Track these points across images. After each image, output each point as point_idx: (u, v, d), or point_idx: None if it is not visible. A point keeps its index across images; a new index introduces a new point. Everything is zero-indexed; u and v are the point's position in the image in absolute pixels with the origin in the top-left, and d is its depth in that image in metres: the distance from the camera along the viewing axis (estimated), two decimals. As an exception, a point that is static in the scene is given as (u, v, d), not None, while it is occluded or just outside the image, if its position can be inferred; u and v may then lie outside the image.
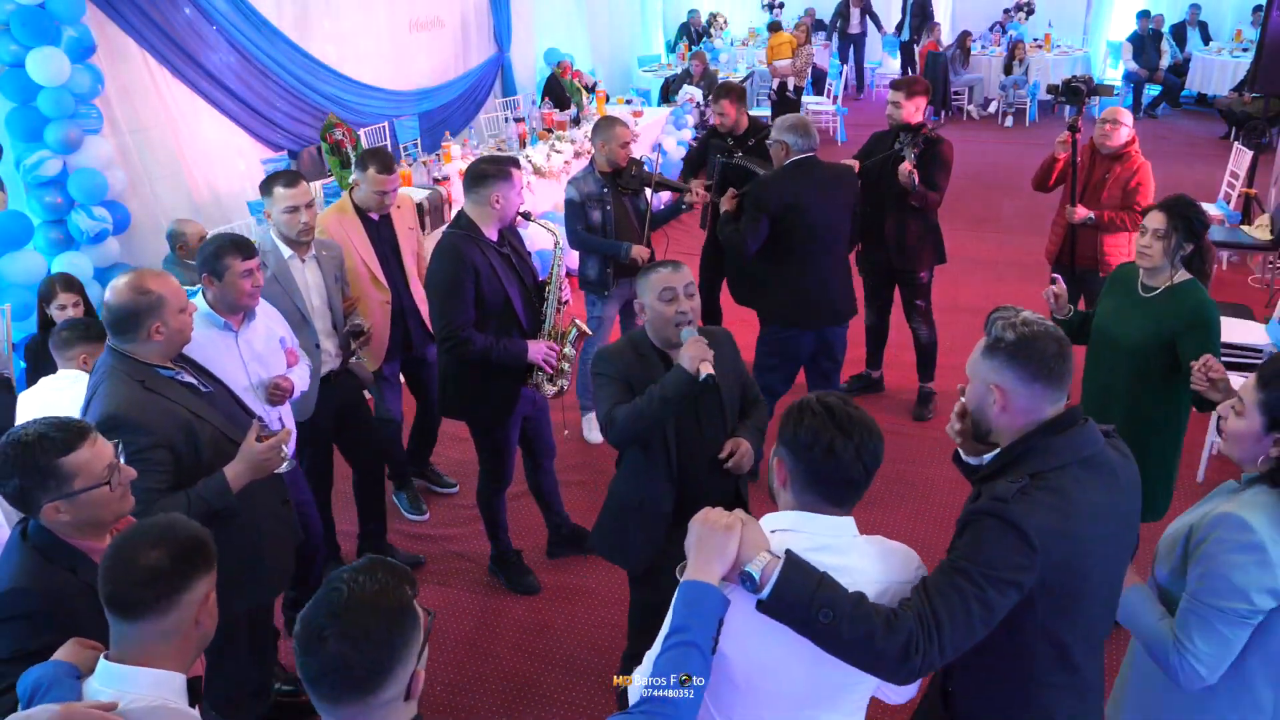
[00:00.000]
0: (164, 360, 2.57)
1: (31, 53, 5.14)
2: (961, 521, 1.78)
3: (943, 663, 1.65)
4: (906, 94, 4.78)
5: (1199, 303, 3.02)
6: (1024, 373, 1.77)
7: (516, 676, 3.56)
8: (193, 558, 1.67)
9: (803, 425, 1.72)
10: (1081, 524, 1.72)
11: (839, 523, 1.74)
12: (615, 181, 4.59)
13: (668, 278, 2.72)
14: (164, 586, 1.62)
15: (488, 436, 3.79)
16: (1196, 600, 1.89)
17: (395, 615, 1.38)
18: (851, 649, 1.60)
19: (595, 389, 2.83)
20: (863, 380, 5.53)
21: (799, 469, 1.73)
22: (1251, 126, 9.81)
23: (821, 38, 14.09)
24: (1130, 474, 1.86)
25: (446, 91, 9.57)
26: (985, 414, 1.86)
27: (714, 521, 1.66)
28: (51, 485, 1.90)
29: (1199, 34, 13.04)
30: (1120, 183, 4.60)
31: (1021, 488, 1.71)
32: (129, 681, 1.61)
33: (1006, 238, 8.09)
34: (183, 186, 6.60)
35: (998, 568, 1.66)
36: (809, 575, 1.61)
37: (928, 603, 1.65)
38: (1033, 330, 1.79)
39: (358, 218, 3.98)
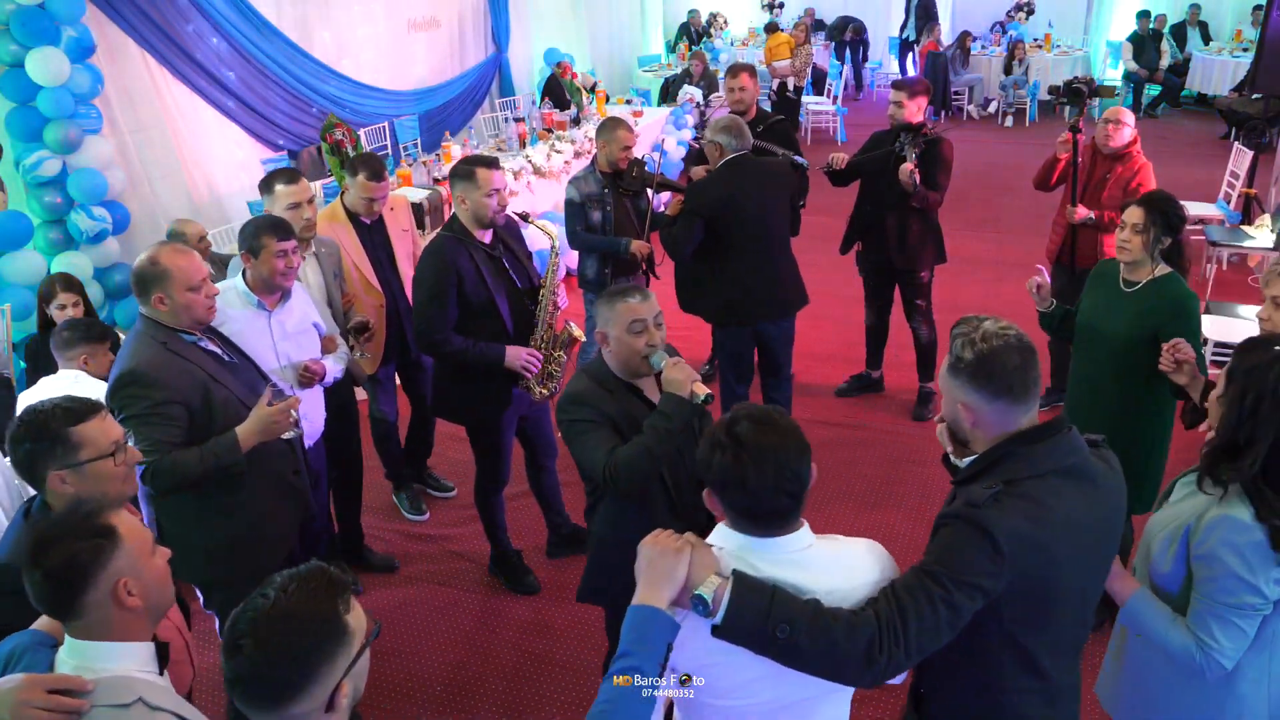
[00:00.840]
0: (183, 327, 2.69)
1: (31, 53, 5.14)
2: (935, 524, 1.77)
3: (910, 665, 1.64)
4: (909, 94, 4.79)
5: (1180, 295, 3.09)
6: (985, 392, 1.75)
7: (516, 676, 3.56)
8: (93, 550, 1.63)
9: (713, 465, 1.67)
10: (1055, 534, 1.70)
11: (788, 540, 1.70)
12: (616, 181, 4.59)
13: (636, 309, 2.49)
14: (76, 581, 1.61)
15: (483, 437, 3.79)
16: (1213, 601, 1.95)
17: (317, 631, 1.36)
18: (814, 661, 1.58)
19: (573, 437, 2.53)
20: (863, 380, 5.53)
21: (724, 504, 1.70)
22: (1251, 126, 9.81)
23: (821, 38, 14.09)
24: (1113, 486, 1.84)
25: (444, 91, 9.58)
26: (959, 427, 1.86)
27: (663, 545, 1.63)
28: (59, 452, 2.01)
29: (1199, 34, 13.04)
30: (1121, 183, 4.60)
31: (995, 494, 1.69)
32: (92, 655, 1.64)
33: (1006, 238, 8.09)
34: (182, 186, 6.61)
35: (965, 572, 1.64)
36: (761, 593, 1.58)
37: (894, 604, 1.63)
38: (991, 346, 1.74)
39: (349, 222, 3.97)
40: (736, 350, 4.49)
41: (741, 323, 4.38)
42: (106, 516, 1.67)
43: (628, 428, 2.51)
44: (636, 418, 2.52)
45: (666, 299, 4.14)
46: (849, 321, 5.66)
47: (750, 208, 4.19)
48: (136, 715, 1.60)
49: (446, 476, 4.79)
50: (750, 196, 4.19)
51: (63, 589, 1.62)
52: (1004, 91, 12.68)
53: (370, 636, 1.45)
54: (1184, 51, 12.89)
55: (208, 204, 6.68)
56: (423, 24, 9.25)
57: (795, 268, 4.47)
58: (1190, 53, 12.84)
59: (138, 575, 1.67)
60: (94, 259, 5.50)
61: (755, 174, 4.26)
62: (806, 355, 5.93)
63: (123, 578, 1.65)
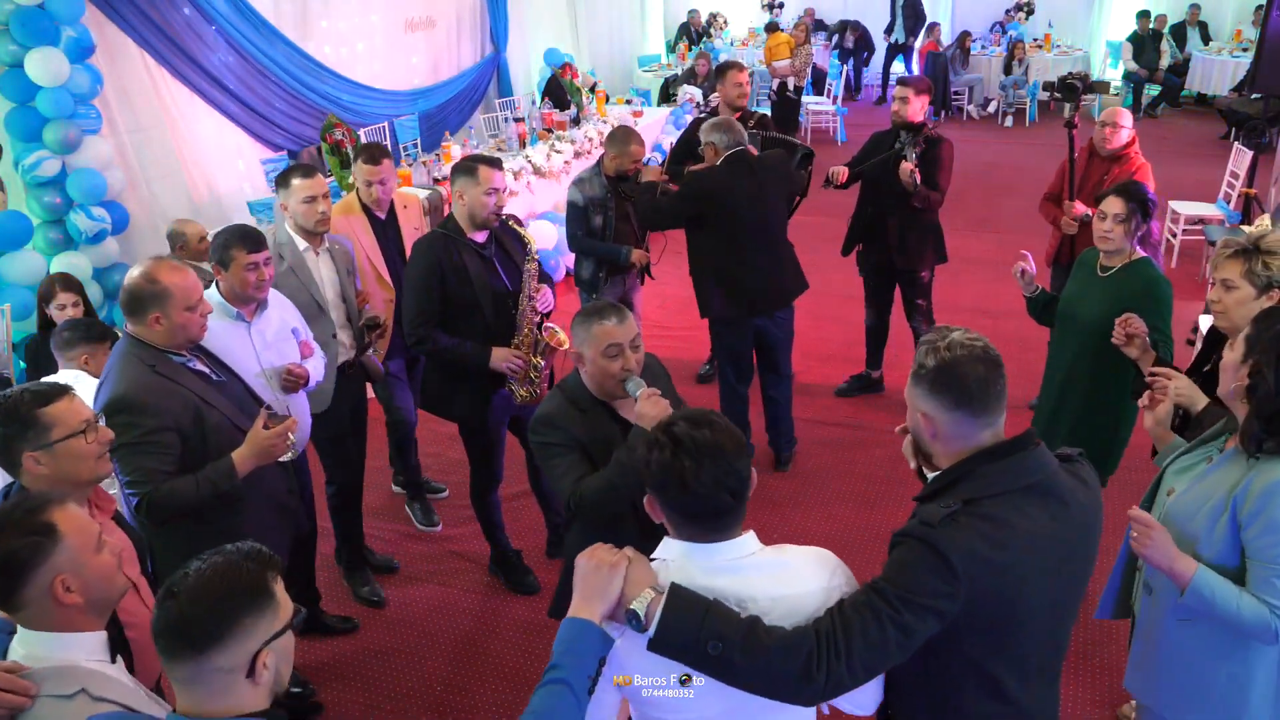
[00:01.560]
0: (174, 347, 2.63)
1: (30, 53, 5.14)
2: (891, 542, 1.71)
3: (855, 683, 1.60)
4: (915, 90, 4.81)
5: (1152, 278, 3.23)
6: (944, 400, 1.70)
7: (516, 676, 3.56)
8: (6, 565, 1.65)
9: (651, 463, 1.64)
10: (1016, 554, 1.64)
11: (733, 544, 1.67)
12: (617, 186, 4.60)
13: (612, 331, 2.43)
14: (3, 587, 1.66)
15: (473, 436, 3.79)
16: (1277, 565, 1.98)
17: (243, 590, 1.44)
18: (748, 677, 1.55)
19: (545, 459, 2.52)
20: (863, 380, 5.53)
21: (665, 506, 1.67)
22: (1251, 126, 9.81)
23: (822, 38, 14.09)
24: (1086, 503, 1.76)
25: (442, 92, 9.57)
26: (922, 439, 1.81)
27: (599, 559, 1.62)
28: (30, 435, 2.04)
29: (1199, 34, 13.03)
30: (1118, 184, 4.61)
31: (951, 513, 1.63)
32: (39, 644, 1.68)
33: (1006, 238, 8.08)
34: (181, 187, 6.61)
35: (917, 592, 1.59)
36: (694, 607, 1.55)
37: (838, 620, 1.59)
38: (955, 356, 1.69)
39: (364, 215, 4.00)
40: (735, 347, 4.50)
41: (738, 319, 4.39)
42: (50, 513, 1.69)
43: (597, 450, 2.49)
44: (608, 439, 2.49)
45: (666, 300, 4.17)
46: (849, 321, 5.65)
47: (747, 202, 4.21)
48: (79, 705, 1.62)
49: (444, 475, 4.79)
50: (747, 191, 4.22)
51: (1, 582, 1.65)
52: (1004, 91, 12.67)
53: (296, 618, 1.52)
54: (1184, 51, 12.88)
55: (207, 204, 6.68)
56: (420, 24, 9.25)
57: (793, 254, 4.48)
58: (1190, 53, 12.83)
59: (78, 572, 1.68)
60: (93, 259, 5.50)
61: (753, 169, 4.28)
62: (806, 355, 5.93)
63: (60, 574, 1.66)
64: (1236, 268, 2.51)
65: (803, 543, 1.81)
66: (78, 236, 5.45)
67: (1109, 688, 3.35)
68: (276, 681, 1.49)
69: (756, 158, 4.38)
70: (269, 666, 1.46)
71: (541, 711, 1.51)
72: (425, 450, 4.68)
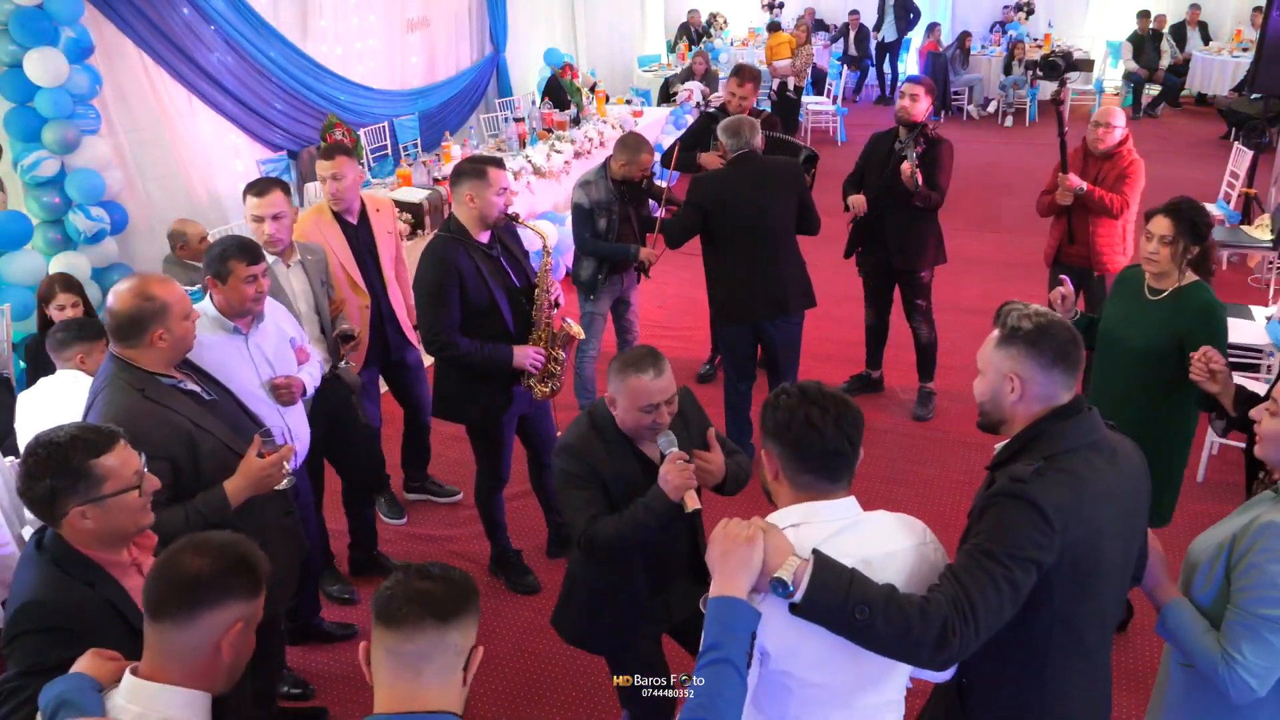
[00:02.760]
0: (166, 368, 2.52)
1: (29, 53, 5.14)
2: (979, 507, 1.81)
3: (977, 646, 1.67)
4: (926, 90, 4.82)
5: (1207, 304, 3.03)
6: (1043, 359, 1.82)
7: (516, 676, 3.56)
8: (230, 578, 1.61)
9: (779, 407, 1.77)
10: (1095, 504, 1.76)
11: (843, 504, 1.77)
12: (621, 189, 4.61)
13: (649, 390, 2.40)
14: (192, 595, 1.58)
15: (483, 436, 3.79)
16: (1244, 611, 1.86)
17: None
18: (889, 642, 1.62)
19: (562, 489, 2.53)
20: (863, 380, 5.53)
21: (785, 452, 1.76)
22: (1251, 126, 9.80)
23: (823, 37, 14.08)
24: (1130, 456, 1.90)
25: (441, 91, 9.57)
26: (1000, 404, 1.90)
27: (735, 534, 1.65)
28: (82, 488, 1.88)
29: (1199, 34, 13.03)
30: (1110, 179, 4.62)
31: (1037, 469, 1.75)
32: (153, 699, 1.58)
33: (1006, 238, 8.08)
34: (180, 187, 6.60)
35: (1021, 546, 1.69)
36: (840, 575, 1.62)
37: (958, 586, 1.67)
38: (1048, 319, 1.86)
39: (335, 221, 3.92)
40: (733, 345, 4.55)
41: (737, 319, 4.44)
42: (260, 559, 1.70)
43: (616, 486, 2.50)
44: (629, 477, 2.51)
45: (666, 300, 4.17)
46: (849, 321, 5.65)
47: (746, 205, 4.23)
48: None
49: (447, 476, 4.78)
50: (747, 194, 4.23)
51: (203, 589, 1.59)
52: (1004, 91, 12.67)
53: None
54: (1184, 51, 12.88)
55: (206, 204, 6.67)
56: (419, 24, 9.25)
57: (801, 269, 4.45)
58: (1190, 53, 12.83)
59: (249, 626, 1.65)
60: (92, 259, 5.50)
61: (757, 172, 4.29)
62: (806, 355, 5.88)
63: (242, 622, 1.63)
64: None
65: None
66: (76, 237, 5.44)
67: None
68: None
69: (765, 161, 4.39)
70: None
71: (713, 692, 1.53)
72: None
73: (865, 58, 13.85)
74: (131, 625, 1.73)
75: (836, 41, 13.99)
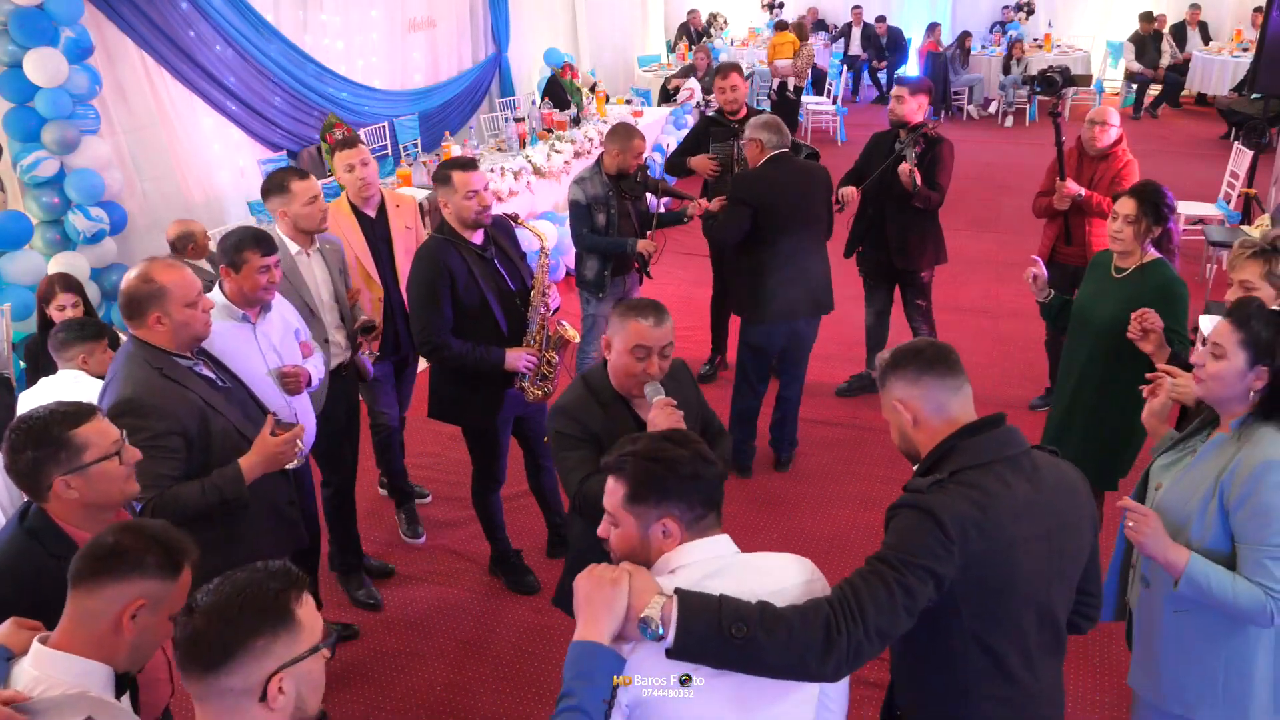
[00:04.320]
0: (179, 349, 2.60)
1: (29, 53, 5.14)
2: (885, 520, 1.81)
3: (873, 652, 1.62)
4: (911, 90, 4.82)
5: (1167, 279, 3.21)
6: (907, 375, 1.87)
7: (516, 676, 3.56)
8: (140, 554, 1.65)
9: (666, 460, 1.69)
10: (1002, 519, 1.73)
11: (723, 540, 1.70)
12: (619, 184, 4.60)
13: (644, 332, 2.41)
14: (99, 564, 1.65)
15: (478, 437, 3.79)
16: (1270, 545, 1.98)
17: (258, 606, 1.39)
18: (776, 654, 1.54)
19: (557, 449, 2.52)
20: (862, 380, 5.53)
21: (682, 500, 1.67)
22: (1251, 126, 9.81)
23: (824, 37, 14.09)
24: (1060, 478, 1.86)
25: (444, 91, 9.58)
26: (906, 435, 1.92)
27: (600, 576, 1.58)
28: (63, 457, 1.96)
29: (1199, 34, 13.03)
30: (1106, 180, 4.64)
31: (937, 481, 1.75)
32: (55, 665, 1.63)
33: (1006, 238, 8.08)
34: (180, 186, 6.61)
35: (915, 554, 1.67)
36: (707, 600, 1.55)
37: (848, 588, 1.64)
38: (903, 345, 1.92)
39: (353, 214, 3.96)
40: (762, 347, 4.47)
41: (777, 318, 4.38)
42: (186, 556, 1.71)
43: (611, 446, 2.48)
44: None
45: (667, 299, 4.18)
46: (849, 321, 5.64)
47: (793, 204, 4.25)
48: None
49: (443, 475, 4.78)
50: (792, 193, 4.26)
51: (109, 560, 1.64)
52: (1004, 91, 12.67)
53: (324, 642, 1.45)
54: (1184, 51, 12.88)
55: (206, 204, 6.68)
56: (422, 24, 9.25)
57: (829, 269, 4.49)
58: (1190, 52, 12.83)
59: (154, 610, 1.67)
60: (91, 259, 5.50)
61: (798, 171, 4.33)
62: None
63: (143, 601, 1.66)
64: (1256, 269, 2.58)
65: (803, 542, 1.85)
66: (74, 237, 5.44)
67: (1112, 688, 3.35)
68: (298, 708, 1.42)
69: (800, 162, 4.41)
70: (285, 691, 1.38)
71: None
72: (423, 449, 4.67)
73: (869, 57, 13.83)
74: None
75: (838, 40, 13.99)
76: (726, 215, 4.36)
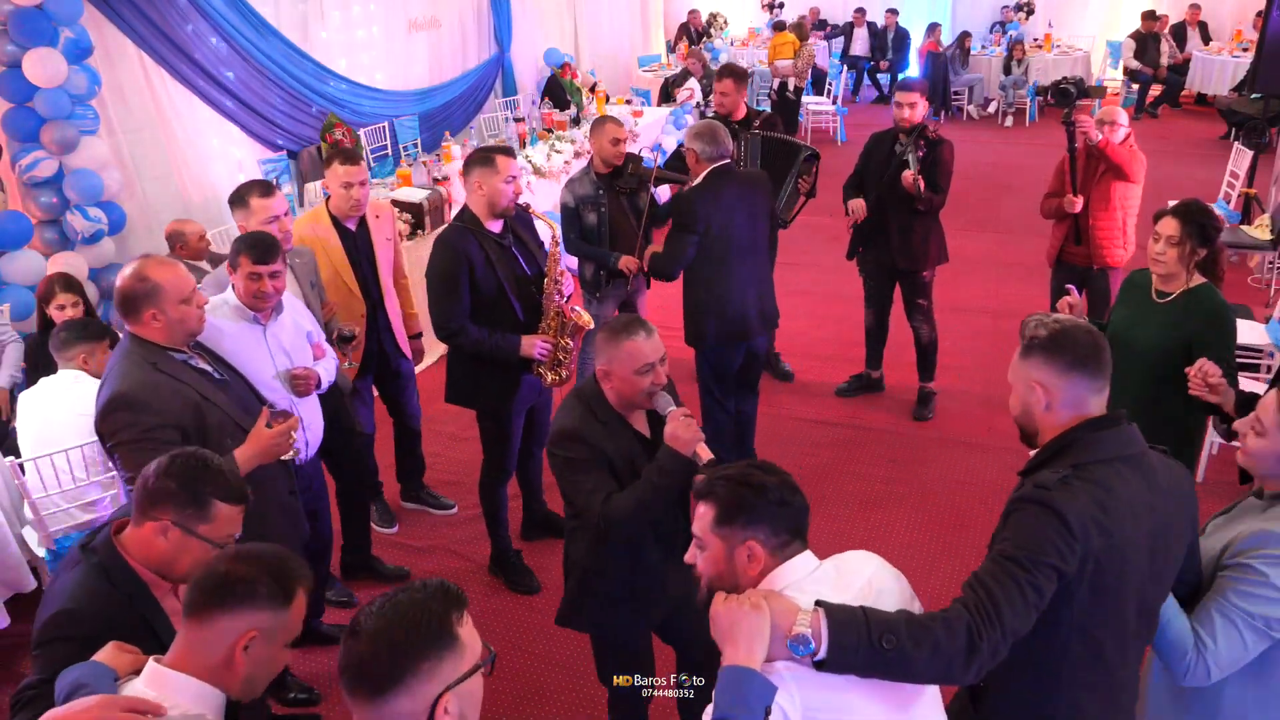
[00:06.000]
0: (174, 344, 2.62)
1: (28, 53, 5.13)
2: (1006, 511, 1.81)
3: (1005, 652, 1.66)
4: (920, 93, 4.80)
5: (1215, 306, 3.03)
6: (1060, 363, 1.83)
7: (516, 676, 3.56)
8: (252, 585, 1.63)
9: (759, 487, 1.72)
10: (1121, 518, 1.74)
11: (810, 556, 1.74)
12: (612, 181, 4.57)
13: (642, 351, 2.44)
14: (209, 596, 1.62)
15: (492, 424, 3.81)
16: (1230, 604, 1.91)
17: (423, 628, 1.39)
18: (924, 663, 1.59)
19: (569, 474, 2.50)
20: (862, 380, 5.53)
21: (770, 527, 1.71)
22: (1251, 126, 9.80)
23: (821, 36, 14.08)
24: (1174, 478, 1.88)
25: (446, 91, 9.57)
26: (1031, 415, 1.90)
27: (738, 604, 1.58)
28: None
29: (1199, 34, 13.02)
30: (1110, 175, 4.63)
31: (1063, 477, 1.75)
32: (172, 686, 1.61)
33: (1006, 238, 8.08)
34: (179, 187, 6.60)
35: (1043, 552, 1.69)
36: (853, 612, 1.58)
37: (982, 590, 1.67)
38: (1064, 325, 1.87)
39: (333, 226, 3.88)
40: (725, 368, 4.28)
41: (736, 339, 4.19)
42: (297, 584, 1.68)
43: (620, 464, 2.51)
44: (629, 453, 2.52)
45: (667, 299, 4.17)
46: (849, 321, 5.66)
47: (737, 220, 4.02)
48: None
49: (449, 475, 4.77)
50: (738, 208, 4.03)
51: (220, 592, 1.61)
52: (1004, 92, 12.66)
53: (484, 661, 1.46)
54: (1184, 51, 12.87)
55: (205, 204, 6.67)
56: (424, 24, 9.25)
57: (772, 282, 4.38)
58: (1190, 52, 12.83)
59: (268, 641, 1.65)
60: (90, 259, 5.49)
61: (741, 184, 4.11)
62: (807, 355, 5.93)
63: (255, 632, 1.63)
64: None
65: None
66: (73, 237, 5.44)
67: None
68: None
69: (743, 174, 4.27)
70: (451, 712, 1.39)
71: None
72: (424, 450, 4.66)
73: (870, 57, 13.81)
74: (163, 644, 1.74)
75: (837, 39, 13.98)
76: (669, 245, 4.06)
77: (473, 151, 3.64)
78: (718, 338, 4.16)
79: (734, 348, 4.22)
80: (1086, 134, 4.53)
